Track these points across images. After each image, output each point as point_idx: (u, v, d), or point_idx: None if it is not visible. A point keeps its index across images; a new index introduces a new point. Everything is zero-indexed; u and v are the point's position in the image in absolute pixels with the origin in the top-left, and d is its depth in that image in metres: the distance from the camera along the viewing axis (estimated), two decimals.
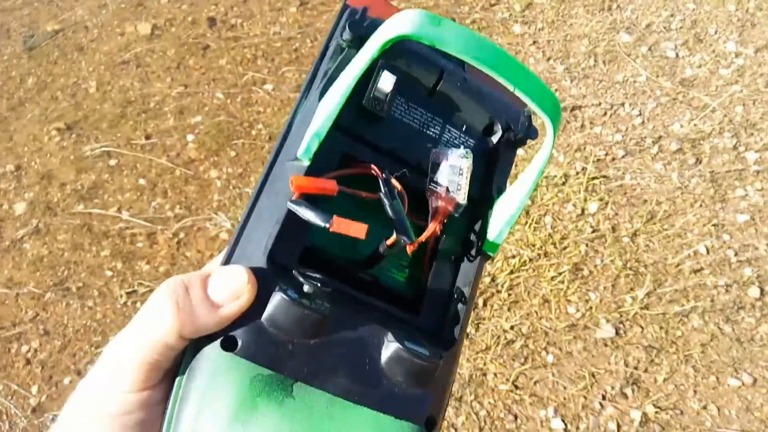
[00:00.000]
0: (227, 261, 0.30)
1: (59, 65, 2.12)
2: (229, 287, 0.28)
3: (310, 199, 0.32)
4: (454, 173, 0.36)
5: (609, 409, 1.12)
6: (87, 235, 1.53)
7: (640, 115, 1.65)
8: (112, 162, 1.71)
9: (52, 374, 1.27)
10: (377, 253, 0.34)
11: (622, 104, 1.69)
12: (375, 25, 0.36)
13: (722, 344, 1.17)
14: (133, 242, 1.50)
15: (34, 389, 1.25)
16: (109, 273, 1.43)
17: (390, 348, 0.30)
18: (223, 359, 0.27)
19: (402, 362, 0.29)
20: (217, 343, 0.27)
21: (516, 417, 1.13)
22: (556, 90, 1.75)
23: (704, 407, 1.10)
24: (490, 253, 0.36)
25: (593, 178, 1.49)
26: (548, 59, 1.86)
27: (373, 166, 0.35)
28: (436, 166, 0.36)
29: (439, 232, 0.35)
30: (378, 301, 0.34)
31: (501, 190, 0.38)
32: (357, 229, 0.31)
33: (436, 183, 0.35)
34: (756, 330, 1.18)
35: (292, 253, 0.32)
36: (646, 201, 1.42)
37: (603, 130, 1.62)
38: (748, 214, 1.36)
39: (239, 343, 0.28)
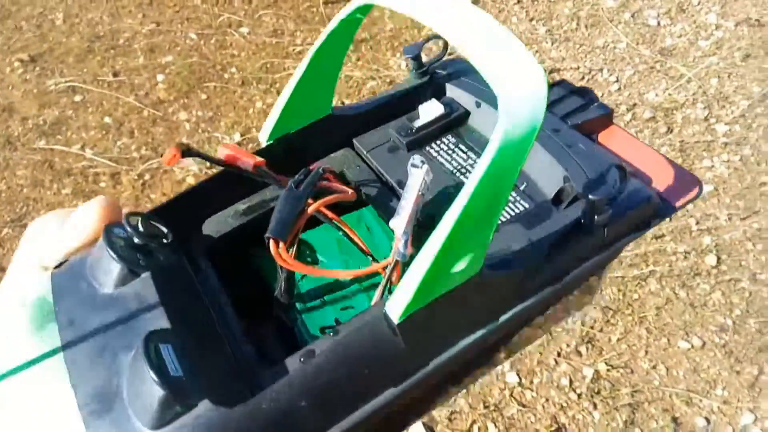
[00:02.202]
0: None
1: None
2: (84, 215, 0.27)
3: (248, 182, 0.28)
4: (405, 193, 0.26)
5: (563, 366, 1.15)
6: (48, 171, 1.48)
7: (617, 81, 1.64)
8: (77, 98, 1.65)
9: None
10: (278, 277, 0.27)
11: (601, 70, 1.68)
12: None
13: (676, 308, 1.21)
14: (96, 181, 1.46)
15: None
16: None
17: (137, 344, 0.21)
18: (47, 273, 0.25)
19: (135, 363, 0.21)
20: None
21: None
22: (536, 52, 1.73)
23: (654, 367, 1.14)
24: (391, 315, 0.24)
25: None
26: (531, 20, 1.84)
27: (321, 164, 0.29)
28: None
29: (381, 286, 0.26)
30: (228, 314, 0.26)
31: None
32: (168, 154, 0.26)
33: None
34: (709, 296, 1.22)
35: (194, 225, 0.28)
36: None
37: None
38: (713, 185, 1.39)
39: (61, 266, 0.26)
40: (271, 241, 0.25)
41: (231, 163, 0.28)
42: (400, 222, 0.25)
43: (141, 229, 0.25)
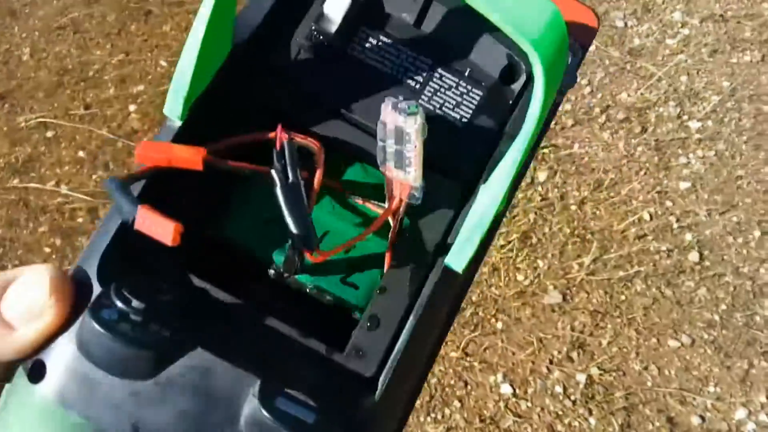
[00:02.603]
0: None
1: None
2: (26, 302, 0.21)
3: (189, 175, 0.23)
4: (398, 140, 0.24)
5: (556, 373, 1.14)
6: (23, 210, 1.46)
7: (589, 84, 1.66)
8: (49, 133, 1.63)
9: None
10: (288, 258, 0.25)
11: None
12: None
13: (663, 307, 1.21)
14: (72, 218, 1.43)
15: None
16: (47, 250, 1.37)
17: (249, 407, 0.20)
18: (28, 392, 0.21)
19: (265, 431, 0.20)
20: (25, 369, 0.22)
21: (466, 383, 1.14)
22: None
23: (645, 368, 1.14)
24: (455, 269, 0.24)
25: (543, 147, 1.50)
26: None
27: (281, 129, 0.24)
28: (382, 127, 0.25)
29: (394, 228, 0.25)
30: (279, 324, 0.24)
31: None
32: (163, 230, 0.21)
33: (384, 153, 0.25)
34: (695, 293, 1.22)
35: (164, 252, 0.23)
36: (593, 169, 1.44)
37: None
38: (690, 181, 1.40)
39: (47, 373, 0.21)
40: (307, 255, 0.23)
41: (167, 166, 0.23)
42: (412, 173, 0.24)
43: (138, 304, 0.21)
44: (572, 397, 1.11)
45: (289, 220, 0.23)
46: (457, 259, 0.24)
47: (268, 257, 0.26)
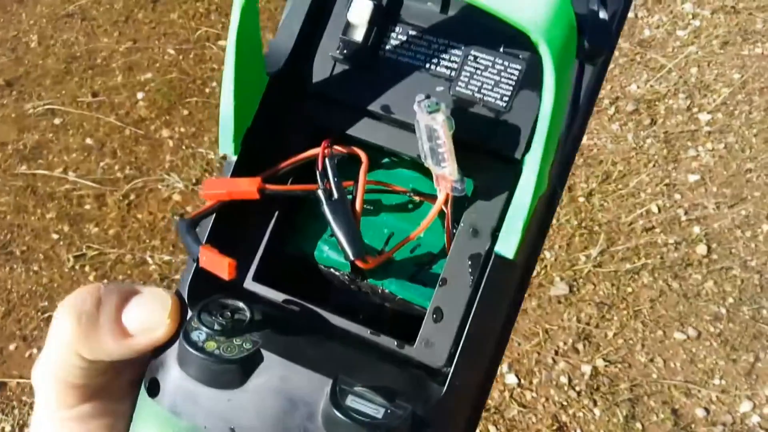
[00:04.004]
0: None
1: None
2: (145, 318, 0.25)
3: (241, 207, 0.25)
4: (429, 137, 0.24)
5: (561, 364, 1.14)
6: (31, 197, 1.46)
7: None
8: (57, 120, 1.63)
9: None
10: (353, 264, 0.26)
11: None
12: None
13: (670, 300, 1.21)
14: (80, 204, 1.44)
15: None
16: (55, 236, 1.38)
17: (325, 405, 0.22)
18: (147, 405, 0.25)
19: (340, 428, 0.22)
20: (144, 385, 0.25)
21: None
22: None
23: (651, 360, 1.14)
24: (506, 255, 0.24)
25: None
26: None
27: (324, 146, 0.26)
28: (418, 126, 0.25)
29: (447, 220, 0.26)
30: (353, 326, 0.26)
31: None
32: (220, 266, 0.23)
33: (423, 150, 0.24)
34: (702, 286, 1.22)
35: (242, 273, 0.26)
36: (602, 161, 1.44)
37: None
38: (699, 174, 1.39)
39: (161, 389, 0.24)
40: (358, 263, 0.25)
41: (228, 200, 0.25)
42: (448, 168, 0.24)
43: (221, 324, 0.24)
44: (577, 388, 1.11)
45: (337, 233, 0.25)
46: (506, 245, 0.24)
47: (335, 265, 0.28)
